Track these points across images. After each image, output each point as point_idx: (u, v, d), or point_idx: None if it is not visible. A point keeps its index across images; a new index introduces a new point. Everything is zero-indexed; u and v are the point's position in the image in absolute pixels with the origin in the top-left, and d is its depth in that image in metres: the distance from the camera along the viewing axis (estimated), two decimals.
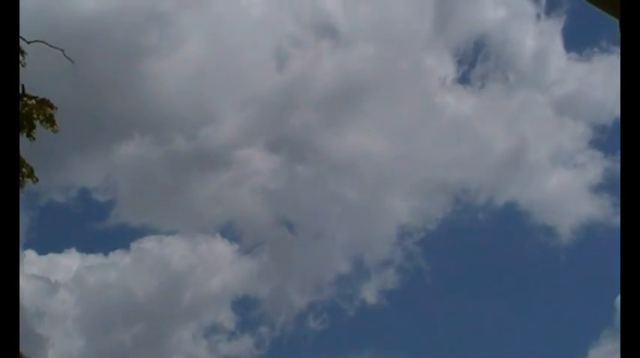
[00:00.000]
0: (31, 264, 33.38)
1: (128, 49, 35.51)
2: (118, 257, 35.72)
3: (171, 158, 36.29)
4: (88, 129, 34.44)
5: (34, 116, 11.22)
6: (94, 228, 37.77)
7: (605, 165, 36.97)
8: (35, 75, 11.45)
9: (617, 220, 33.80)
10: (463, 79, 39.98)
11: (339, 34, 39.24)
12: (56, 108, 11.42)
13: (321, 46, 39.00)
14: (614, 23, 3.54)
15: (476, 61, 38.98)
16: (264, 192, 37.64)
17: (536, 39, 40.17)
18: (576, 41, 39.35)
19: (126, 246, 36.13)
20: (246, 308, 35.15)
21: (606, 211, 36.38)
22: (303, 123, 38.22)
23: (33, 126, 11.22)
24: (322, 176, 38.09)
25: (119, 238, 37.13)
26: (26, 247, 33.30)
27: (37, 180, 11.29)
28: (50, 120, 11.35)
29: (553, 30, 39.58)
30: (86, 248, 36.95)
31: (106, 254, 36.04)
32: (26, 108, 11.15)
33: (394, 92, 39.16)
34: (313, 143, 38.22)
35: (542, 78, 40.11)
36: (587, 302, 36.09)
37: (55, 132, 11.39)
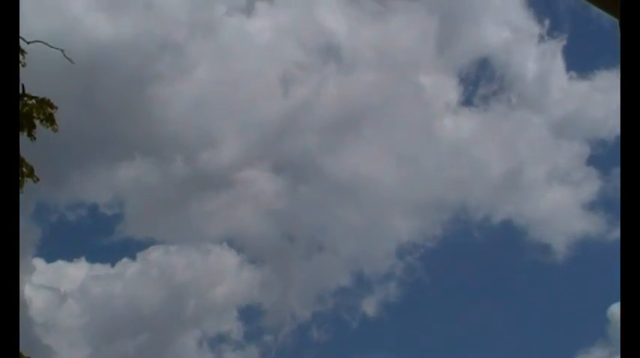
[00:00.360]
0: (40, 275, 33.64)
1: (142, 75, 36.44)
2: (123, 267, 35.86)
3: (177, 180, 36.79)
4: (93, 150, 35.48)
5: (34, 115, 11.22)
6: (101, 241, 38.31)
7: (600, 183, 37.27)
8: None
9: (611, 236, 34.22)
10: (466, 101, 40.06)
11: (343, 59, 39.52)
12: (56, 108, 11.41)
13: (325, 70, 39.29)
14: (614, 24, 3.54)
15: (478, 82, 39.13)
16: (267, 210, 38.00)
17: (539, 59, 39.94)
18: (577, 60, 39.42)
19: (132, 256, 36.33)
20: (250, 319, 35.40)
21: (600, 228, 36.83)
22: (307, 146, 38.54)
23: (33, 126, 11.23)
24: (325, 197, 38.26)
25: (125, 250, 37.65)
26: (36, 258, 33.79)
27: (38, 179, 11.28)
28: (50, 120, 11.34)
29: (555, 49, 39.46)
30: (93, 258, 37.33)
31: (112, 265, 36.24)
32: (26, 108, 11.15)
33: (396, 114, 39.36)
34: (317, 164, 38.48)
35: (544, 98, 40.09)
36: (581, 314, 36.59)
37: (55, 131, 11.39)
